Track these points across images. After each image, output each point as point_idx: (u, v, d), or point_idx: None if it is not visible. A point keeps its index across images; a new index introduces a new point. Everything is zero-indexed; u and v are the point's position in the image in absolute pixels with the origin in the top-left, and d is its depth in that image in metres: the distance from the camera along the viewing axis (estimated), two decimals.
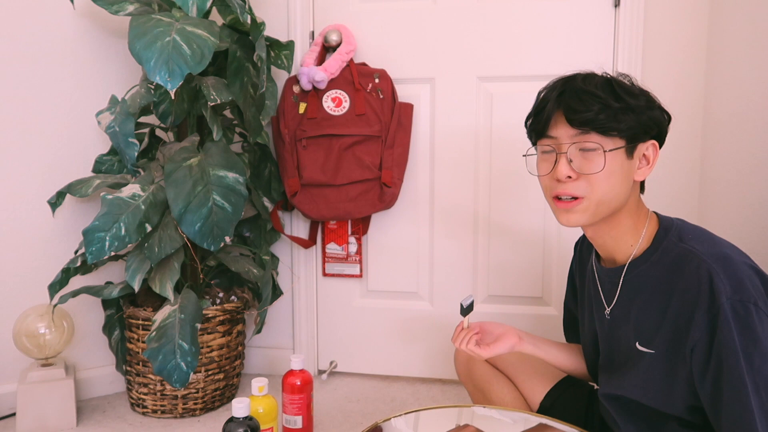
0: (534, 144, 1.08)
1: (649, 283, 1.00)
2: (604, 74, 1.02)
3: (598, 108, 0.96)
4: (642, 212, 1.05)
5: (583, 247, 1.25)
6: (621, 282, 1.05)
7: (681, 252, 0.95)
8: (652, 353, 0.99)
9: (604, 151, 0.97)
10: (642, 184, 1.06)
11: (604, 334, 1.13)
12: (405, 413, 1.16)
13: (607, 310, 1.10)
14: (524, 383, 1.37)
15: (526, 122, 1.08)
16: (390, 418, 1.14)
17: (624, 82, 1.01)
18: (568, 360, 1.27)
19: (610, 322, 1.10)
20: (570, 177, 0.99)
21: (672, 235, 0.99)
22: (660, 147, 1.03)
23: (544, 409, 1.33)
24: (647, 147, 1.01)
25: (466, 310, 1.20)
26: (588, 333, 1.20)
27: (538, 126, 1.03)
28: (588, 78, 1.00)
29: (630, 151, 0.99)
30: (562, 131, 1.00)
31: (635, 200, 1.04)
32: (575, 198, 0.99)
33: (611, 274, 1.07)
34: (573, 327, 1.35)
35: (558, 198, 1.01)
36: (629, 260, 1.03)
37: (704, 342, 0.89)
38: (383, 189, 1.84)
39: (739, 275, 0.89)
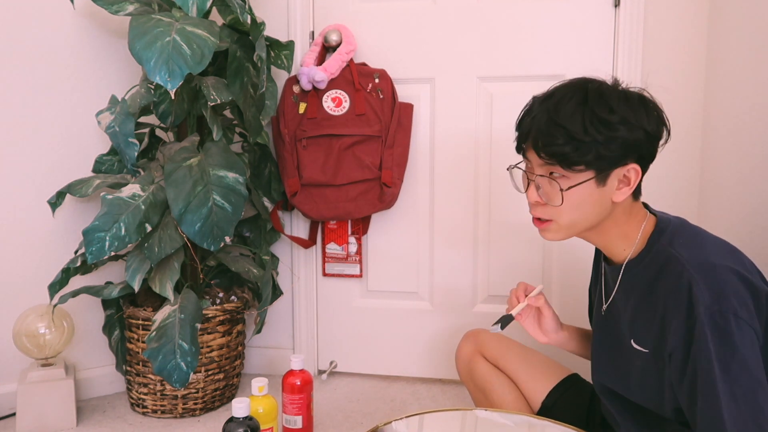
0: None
1: (640, 285, 1.00)
2: (587, 89, 0.96)
3: (562, 142, 0.94)
4: (635, 218, 1.03)
5: None
6: (618, 282, 1.06)
7: (667, 257, 0.95)
8: (647, 352, 0.99)
9: (561, 190, 0.97)
10: (637, 189, 1.03)
11: (602, 330, 1.14)
12: (406, 416, 1.15)
13: (604, 307, 1.11)
14: (525, 383, 1.37)
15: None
16: (391, 422, 1.14)
17: (602, 108, 0.94)
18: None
19: (606, 319, 1.11)
20: (538, 202, 1.02)
21: (664, 238, 0.99)
22: (646, 165, 0.99)
23: (545, 408, 1.33)
24: (627, 170, 0.97)
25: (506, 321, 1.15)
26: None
27: (517, 147, 1.06)
28: (561, 102, 0.96)
29: (602, 180, 0.97)
30: (532, 157, 1.01)
31: (623, 212, 1.02)
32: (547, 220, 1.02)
33: (612, 272, 1.08)
34: None
35: (534, 216, 1.05)
36: (626, 261, 1.04)
37: (681, 349, 0.90)
38: (383, 189, 1.84)
39: (721, 285, 0.88)
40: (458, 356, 1.49)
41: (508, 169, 1.10)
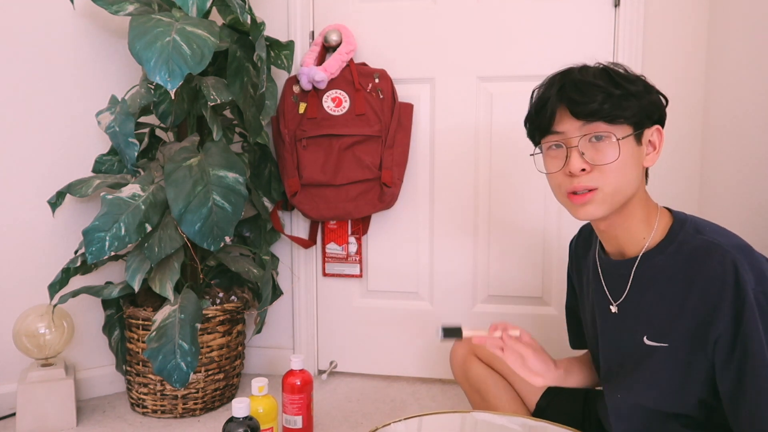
0: (537, 143, 1.07)
1: (664, 275, 0.98)
2: (598, 64, 1.02)
3: (601, 97, 0.96)
4: (651, 205, 1.04)
5: (578, 244, 1.23)
6: (632, 275, 1.03)
7: (701, 244, 0.95)
8: (665, 347, 0.98)
9: (618, 140, 0.96)
10: (646, 173, 1.06)
11: (607, 332, 1.11)
12: (405, 418, 1.15)
13: (614, 305, 1.08)
14: (520, 383, 1.36)
15: (525, 122, 1.07)
16: (390, 423, 1.14)
17: (619, 70, 1.01)
18: (590, 377, 1.24)
19: (616, 318, 1.08)
20: (584, 170, 0.97)
21: (689, 228, 0.99)
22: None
23: (540, 408, 1.32)
24: (652, 132, 1.01)
25: (451, 333, 1.12)
26: (592, 334, 1.18)
27: (542, 124, 1.02)
28: (584, 70, 1.00)
29: (638, 138, 0.99)
30: (568, 125, 0.98)
31: (643, 190, 1.04)
32: (590, 190, 0.98)
33: (620, 266, 1.05)
34: (578, 330, 1.32)
35: (573, 193, 1.00)
36: (642, 252, 1.02)
37: (729, 332, 0.89)
38: (383, 189, 1.84)
39: (761, 267, 0.90)
40: (452, 357, 1.48)
41: (532, 155, 1.08)
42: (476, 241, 1.94)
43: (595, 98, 0.96)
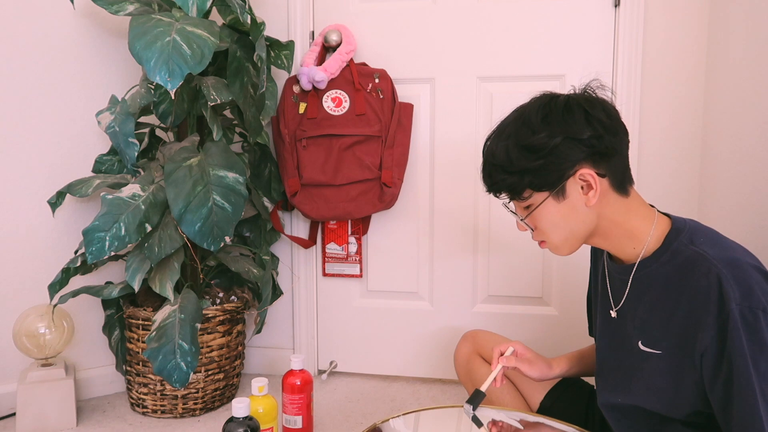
0: None
1: (657, 284, 0.99)
2: (513, 120, 1.02)
3: (501, 178, 1.02)
4: (636, 215, 1.02)
5: None
6: (630, 280, 1.04)
7: (691, 255, 0.94)
8: (659, 354, 0.98)
9: (537, 207, 1.01)
10: (620, 185, 1.01)
11: (607, 334, 1.12)
12: (404, 414, 1.16)
13: (614, 311, 1.09)
14: (524, 383, 1.36)
15: None
16: (389, 419, 1.14)
17: (525, 135, 0.98)
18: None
19: (616, 321, 1.09)
20: (524, 229, 1.08)
21: (683, 237, 0.98)
22: (606, 162, 0.98)
23: (544, 408, 1.32)
24: (581, 175, 0.97)
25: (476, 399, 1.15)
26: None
27: None
28: (494, 144, 1.03)
29: (560, 194, 0.99)
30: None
31: (617, 210, 1.01)
32: (544, 240, 1.06)
33: (621, 271, 1.06)
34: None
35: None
36: (639, 259, 1.02)
37: (714, 348, 0.89)
38: (383, 189, 1.85)
39: (749, 281, 0.88)
40: (456, 357, 1.49)
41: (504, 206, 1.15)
42: (476, 241, 1.94)
43: (496, 180, 1.03)
